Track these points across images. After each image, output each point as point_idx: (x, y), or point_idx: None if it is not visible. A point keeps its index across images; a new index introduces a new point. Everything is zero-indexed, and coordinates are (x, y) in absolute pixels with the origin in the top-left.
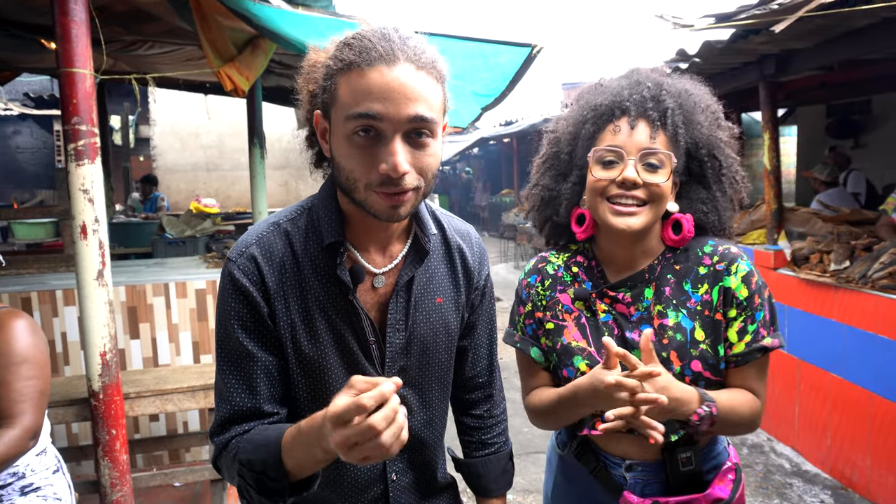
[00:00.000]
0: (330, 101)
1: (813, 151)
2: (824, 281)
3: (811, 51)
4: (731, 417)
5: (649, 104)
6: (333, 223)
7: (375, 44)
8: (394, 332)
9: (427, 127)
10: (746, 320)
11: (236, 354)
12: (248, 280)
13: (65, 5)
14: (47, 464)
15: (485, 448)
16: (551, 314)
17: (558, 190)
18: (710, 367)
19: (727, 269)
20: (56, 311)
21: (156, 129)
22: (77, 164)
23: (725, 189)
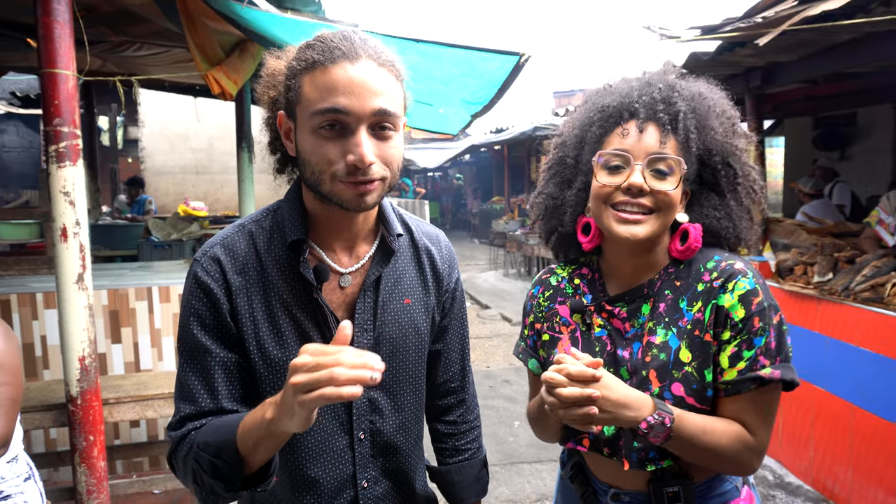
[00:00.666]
0: (294, 99)
1: (800, 162)
2: (808, 293)
3: (796, 64)
4: (701, 440)
5: (660, 106)
6: (297, 222)
7: (338, 43)
8: (361, 332)
9: (390, 120)
10: (742, 345)
11: (195, 351)
12: (210, 278)
13: (47, 5)
14: (18, 471)
15: (458, 454)
16: (548, 325)
17: (563, 198)
18: (694, 392)
19: (723, 285)
20: (36, 314)
21: (144, 130)
22: (58, 166)
23: (741, 199)
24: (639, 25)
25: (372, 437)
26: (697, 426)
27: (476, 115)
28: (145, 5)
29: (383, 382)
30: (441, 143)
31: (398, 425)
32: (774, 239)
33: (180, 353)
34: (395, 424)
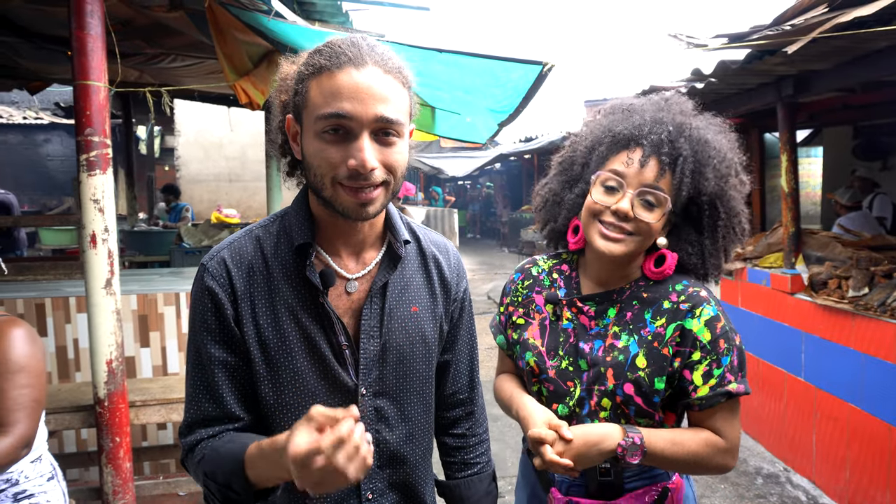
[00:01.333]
0: (301, 103)
1: (839, 173)
2: (842, 307)
3: (830, 72)
4: (673, 451)
5: (665, 148)
6: (304, 226)
7: (345, 49)
8: (368, 339)
9: (393, 127)
10: (712, 364)
11: (201, 358)
12: (215, 283)
13: (81, 19)
14: (41, 471)
15: (467, 468)
16: (523, 311)
17: (562, 197)
18: (642, 394)
19: (690, 310)
20: (69, 317)
21: (180, 139)
22: (89, 174)
23: (718, 239)
24: (667, 34)
25: (378, 446)
26: (666, 439)
27: (502, 123)
28: (178, 18)
29: (390, 391)
30: (470, 152)
31: (405, 436)
32: (808, 251)
33: (188, 358)
34: (401, 435)
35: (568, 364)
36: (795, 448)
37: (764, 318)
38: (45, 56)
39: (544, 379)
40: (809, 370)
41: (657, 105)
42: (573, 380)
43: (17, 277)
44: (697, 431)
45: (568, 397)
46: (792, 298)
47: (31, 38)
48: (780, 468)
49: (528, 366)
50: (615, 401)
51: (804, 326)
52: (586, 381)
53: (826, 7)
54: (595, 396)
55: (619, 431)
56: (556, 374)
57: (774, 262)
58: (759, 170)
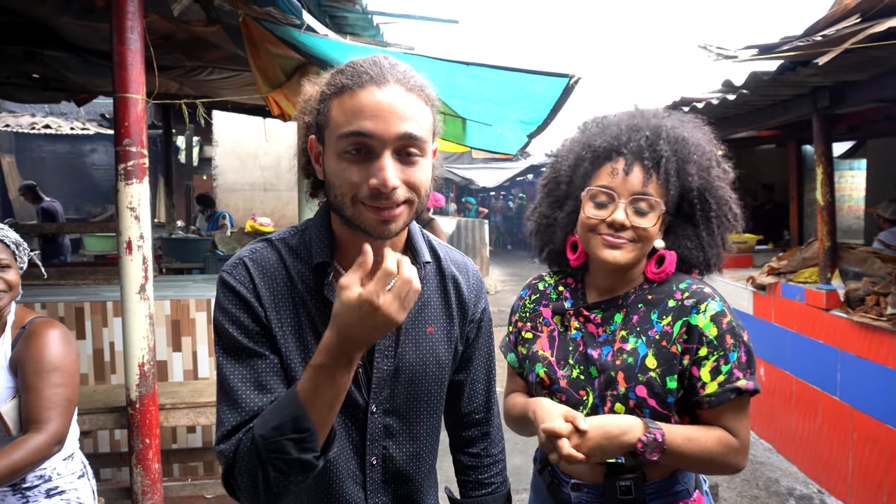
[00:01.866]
0: (324, 123)
1: (883, 186)
2: (880, 325)
3: (867, 83)
4: (689, 448)
5: (646, 153)
6: (324, 244)
7: (367, 68)
8: (382, 359)
9: (416, 145)
10: (719, 360)
11: (240, 356)
12: (243, 287)
13: (122, 35)
14: (73, 469)
15: (482, 488)
16: (531, 325)
17: (554, 218)
18: (655, 395)
19: (695, 306)
20: (106, 321)
21: (218, 149)
22: (126, 183)
23: (713, 229)
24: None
25: (384, 463)
26: (683, 435)
27: (531, 135)
28: (216, 32)
29: (399, 409)
30: (501, 163)
31: (412, 454)
32: (845, 267)
33: (221, 365)
34: (408, 453)
35: (579, 373)
36: (830, 469)
37: (798, 335)
38: (91, 70)
39: (556, 389)
40: (845, 389)
41: (630, 114)
42: (585, 388)
43: (59, 282)
44: (711, 429)
45: (581, 406)
46: (827, 315)
47: (79, 52)
48: (814, 490)
49: (539, 377)
50: (628, 405)
51: (840, 344)
52: (598, 387)
53: (858, 17)
54: (608, 402)
55: (640, 425)
56: (567, 383)
57: (809, 277)
58: (798, 183)
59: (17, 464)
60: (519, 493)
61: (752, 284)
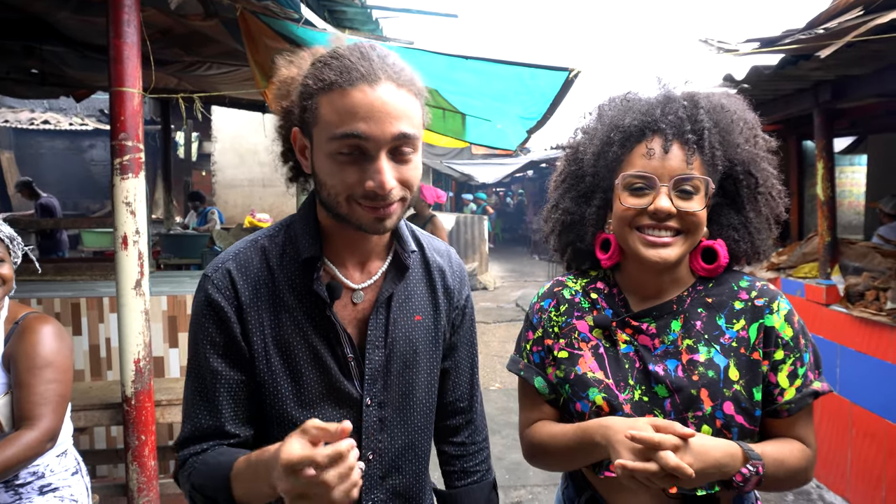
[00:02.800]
0: (311, 120)
1: (884, 181)
2: (880, 320)
3: (870, 77)
4: (779, 472)
5: (686, 126)
6: (311, 238)
7: (356, 63)
8: (373, 350)
9: (409, 143)
10: (796, 363)
11: (202, 372)
12: (221, 295)
13: (118, 28)
14: (66, 465)
15: (467, 477)
16: (566, 342)
17: (581, 213)
18: (742, 410)
19: (768, 306)
20: (102, 317)
21: (217, 145)
22: (122, 177)
23: (760, 209)
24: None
25: (380, 456)
26: (776, 459)
27: (530, 130)
28: (214, 27)
29: (393, 400)
30: (501, 159)
31: (406, 445)
32: (845, 262)
33: (188, 372)
34: (403, 444)
35: (642, 394)
36: (829, 465)
37: None
38: (89, 65)
39: (619, 417)
40: (845, 384)
41: (657, 84)
42: (652, 411)
43: (56, 277)
44: (791, 443)
45: None
46: (827, 310)
47: (78, 47)
48: (813, 485)
49: (595, 405)
50: (715, 426)
51: (839, 339)
52: (672, 409)
53: (861, 10)
54: (691, 425)
55: (741, 455)
56: (632, 408)
57: (809, 272)
58: (798, 178)
59: (9, 460)
60: (517, 490)
61: None
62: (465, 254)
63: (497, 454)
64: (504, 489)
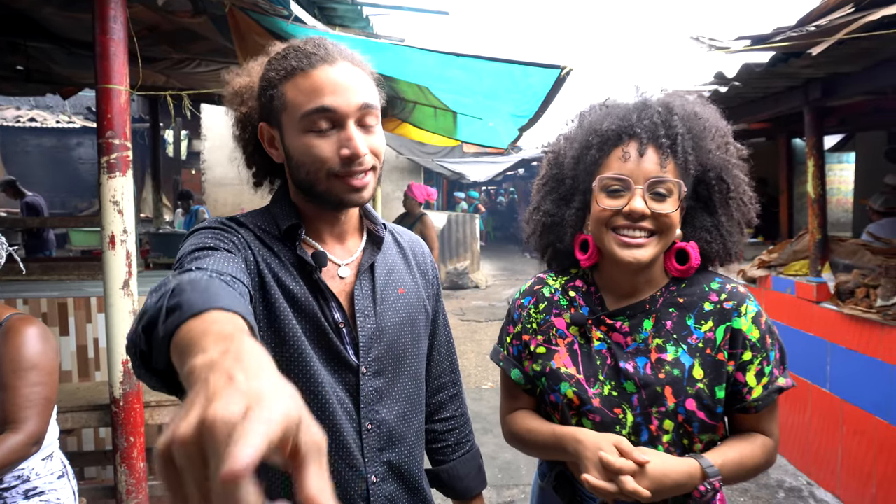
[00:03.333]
0: (279, 107)
1: (872, 179)
2: (870, 317)
3: (859, 75)
4: (739, 474)
5: (661, 131)
6: (288, 212)
7: (314, 49)
8: (363, 318)
9: (373, 113)
10: (762, 362)
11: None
12: (235, 233)
13: (104, 24)
14: (52, 469)
15: (461, 447)
16: (543, 338)
17: (561, 216)
18: (704, 407)
19: (736, 309)
20: (90, 317)
21: (206, 143)
22: (109, 176)
23: (732, 213)
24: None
25: (378, 428)
26: (736, 463)
27: (522, 128)
28: (202, 24)
29: (387, 370)
30: (492, 157)
31: (401, 415)
32: (835, 259)
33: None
34: (398, 414)
35: (611, 389)
36: (820, 461)
37: (788, 328)
38: (76, 62)
39: (588, 410)
40: (835, 382)
41: (634, 92)
42: (620, 406)
43: (43, 277)
44: (752, 440)
45: (618, 426)
46: (817, 307)
47: (64, 44)
48: (804, 482)
49: (566, 398)
50: (677, 420)
51: (830, 336)
52: (638, 404)
53: (853, 7)
54: (655, 420)
55: (698, 473)
56: (600, 402)
57: (800, 269)
58: (788, 176)
59: None
60: (510, 489)
61: (743, 277)
62: (457, 252)
63: (490, 453)
64: (497, 488)
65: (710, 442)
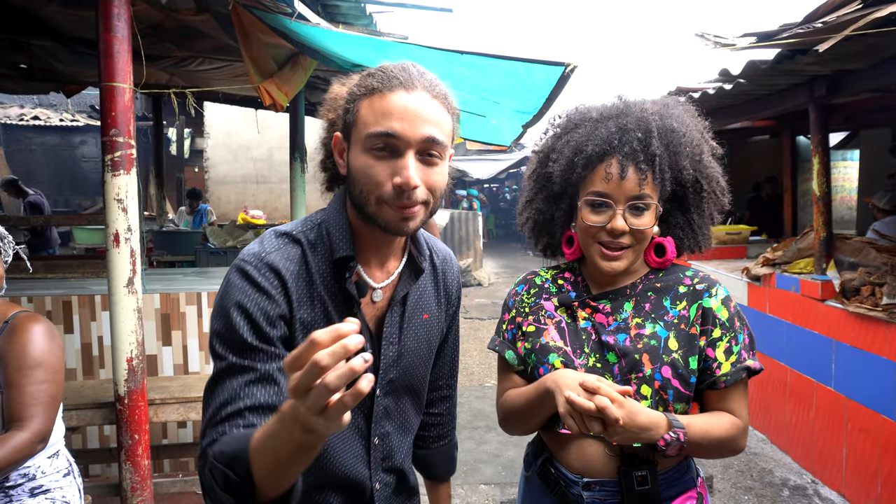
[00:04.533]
0: (352, 122)
1: (876, 177)
2: (875, 315)
3: (865, 72)
4: (704, 441)
5: (640, 156)
6: (345, 238)
7: (397, 73)
8: (388, 346)
9: (437, 149)
10: (731, 340)
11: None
12: (270, 285)
13: (108, 22)
14: (58, 466)
15: (441, 440)
16: (533, 318)
17: (551, 214)
18: (679, 376)
19: (707, 290)
20: (94, 315)
21: (210, 141)
22: (113, 174)
23: (704, 209)
24: (693, 33)
25: (383, 440)
26: (701, 428)
27: (526, 125)
28: (205, 21)
29: (396, 390)
30: (495, 155)
31: (399, 427)
32: (840, 257)
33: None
34: (398, 425)
35: (595, 361)
36: (824, 460)
37: (793, 326)
38: (80, 60)
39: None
40: (840, 380)
41: (616, 110)
42: (604, 375)
43: (47, 275)
44: (720, 415)
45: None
46: (822, 305)
47: (68, 42)
48: (808, 480)
49: (554, 368)
50: (654, 386)
51: (835, 334)
52: (619, 372)
53: (860, 3)
54: (633, 384)
55: (665, 423)
56: (586, 371)
57: (804, 267)
58: (792, 173)
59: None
60: (513, 487)
61: (747, 275)
62: (460, 250)
63: (493, 451)
64: (500, 486)
65: (682, 411)
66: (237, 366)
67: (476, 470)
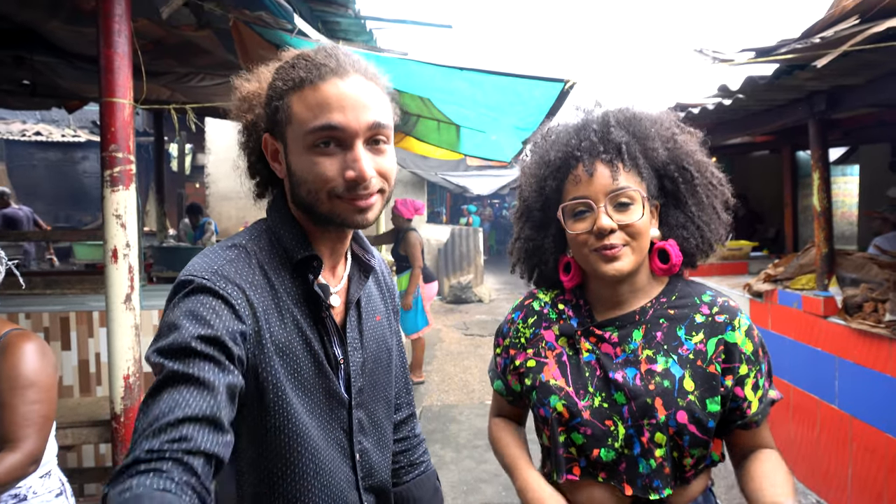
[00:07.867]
0: (284, 120)
1: (876, 192)
2: (878, 332)
3: (863, 87)
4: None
5: (600, 147)
6: (300, 239)
7: (324, 60)
8: (353, 352)
9: (384, 132)
10: (757, 375)
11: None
12: (232, 298)
13: (109, 38)
14: (50, 486)
15: (414, 469)
16: (533, 351)
17: (541, 240)
18: (695, 420)
19: (729, 322)
20: (92, 331)
21: (211, 157)
22: (112, 189)
23: (702, 200)
24: (692, 49)
25: (362, 457)
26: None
27: (526, 141)
28: (206, 37)
29: (366, 401)
30: (496, 171)
31: (376, 442)
32: (842, 273)
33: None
34: (374, 441)
35: (601, 401)
36: (829, 480)
37: (795, 343)
38: (81, 76)
39: (578, 424)
40: (844, 398)
41: (573, 115)
42: (611, 417)
43: (46, 291)
44: (763, 456)
45: (610, 438)
46: (825, 322)
47: (69, 58)
48: (813, 500)
49: (556, 412)
50: (668, 433)
51: (838, 351)
52: (629, 415)
53: (857, 19)
54: (646, 432)
55: None
56: (591, 415)
57: (806, 283)
58: (792, 189)
59: None
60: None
61: (749, 292)
62: (461, 266)
63: (494, 470)
64: None
65: (700, 457)
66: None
67: (477, 490)
